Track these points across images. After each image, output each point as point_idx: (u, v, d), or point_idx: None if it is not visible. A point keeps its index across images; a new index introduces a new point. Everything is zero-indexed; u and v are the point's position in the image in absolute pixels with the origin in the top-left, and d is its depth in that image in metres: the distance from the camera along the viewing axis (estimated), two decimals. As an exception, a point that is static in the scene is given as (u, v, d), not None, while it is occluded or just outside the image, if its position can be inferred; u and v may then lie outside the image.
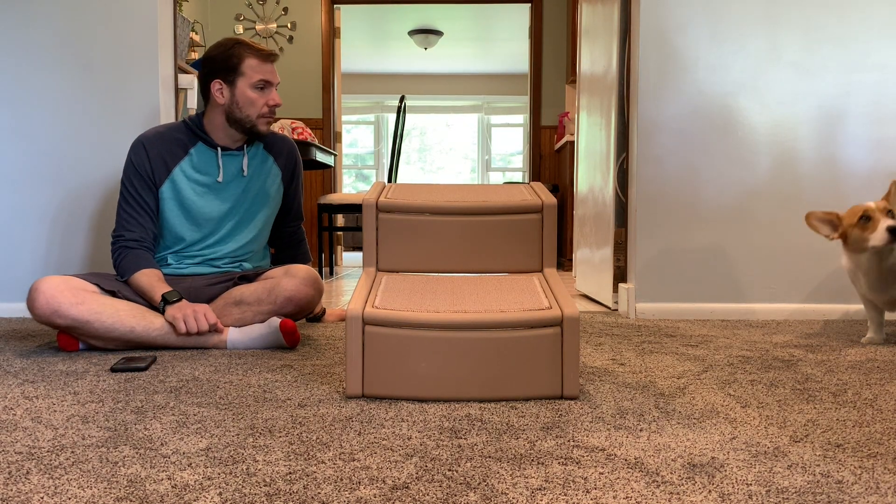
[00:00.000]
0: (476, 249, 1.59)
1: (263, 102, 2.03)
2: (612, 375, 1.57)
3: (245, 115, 2.03)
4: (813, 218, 1.98)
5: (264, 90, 2.03)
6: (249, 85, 2.01)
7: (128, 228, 2.01)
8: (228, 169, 2.09)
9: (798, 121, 2.53)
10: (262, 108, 2.03)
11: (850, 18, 2.52)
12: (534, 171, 5.67)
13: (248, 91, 2.01)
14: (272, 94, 2.04)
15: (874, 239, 1.86)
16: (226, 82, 2.02)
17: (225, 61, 2.02)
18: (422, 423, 1.19)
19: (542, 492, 0.89)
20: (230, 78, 2.02)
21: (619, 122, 2.80)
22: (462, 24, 7.34)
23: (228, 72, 2.01)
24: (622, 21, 2.76)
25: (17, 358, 1.78)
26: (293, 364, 1.69)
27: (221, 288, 2.03)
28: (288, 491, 0.89)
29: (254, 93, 2.02)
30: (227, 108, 2.03)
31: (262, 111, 2.03)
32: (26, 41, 2.51)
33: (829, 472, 0.96)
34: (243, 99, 2.01)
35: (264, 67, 2.03)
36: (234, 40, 2.05)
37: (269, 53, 2.05)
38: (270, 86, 2.05)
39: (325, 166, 4.11)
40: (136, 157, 2.03)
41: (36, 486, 0.91)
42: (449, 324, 1.34)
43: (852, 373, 1.61)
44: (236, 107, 2.02)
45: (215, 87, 2.03)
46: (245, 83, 2.01)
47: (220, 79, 2.02)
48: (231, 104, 2.02)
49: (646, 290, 2.56)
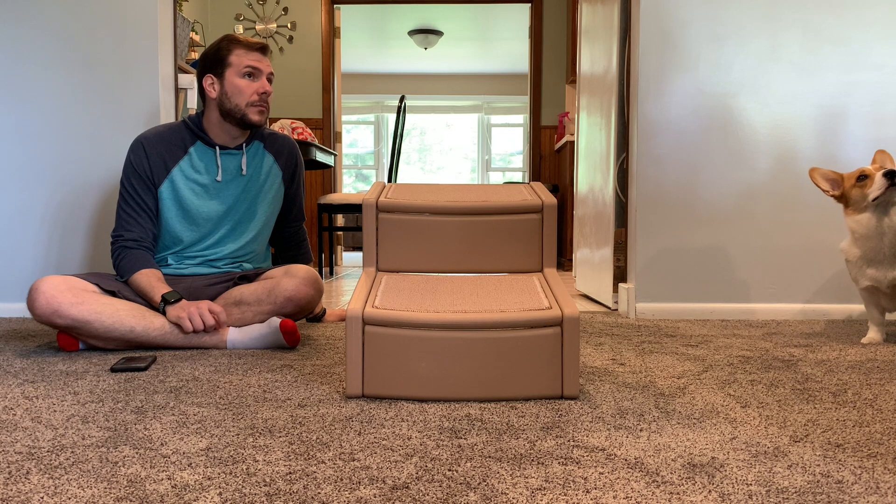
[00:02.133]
0: (476, 249, 1.59)
1: (252, 90, 2.02)
2: (612, 375, 1.57)
3: (234, 105, 2.02)
4: (817, 173, 2.02)
5: (253, 77, 2.03)
6: (237, 73, 2.02)
7: (127, 229, 2.01)
8: (227, 168, 2.08)
9: (798, 121, 2.53)
10: (250, 95, 2.02)
11: (849, 18, 2.52)
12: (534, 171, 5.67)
13: (235, 79, 2.02)
14: (261, 82, 2.04)
15: (873, 191, 1.90)
16: (216, 75, 2.04)
17: (214, 55, 2.04)
18: (422, 423, 1.19)
19: (542, 492, 0.89)
20: (219, 70, 2.03)
21: (619, 122, 2.80)
22: (462, 24, 7.34)
23: (217, 64, 2.03)
24: (622, 21, 2.76)
25: (17, 358, 1.78)
26: (293, 364, 1.69)
27: (221, 288, 2.03)
28: (288, 491, 0.89)
29: (242, 81, 2.02)
30: (219, 100, 2.04)
31: (252, 99, 2.02)
32: (26, 41, 2.51)
33: (829, 472, 0.96)
34: (231, 88, 2.02)
35: (251, 56, 2.03)
36: (224, 36, 2.08)
37: (257, 43, 2.05)
38: (259, 74, 2.04)
39: (325, 166, 4.11)
40: (136, 158, 2.03)
41: (36, 486, 0.91)
42: (449, 324, 1.34)
43: (852, 373, 1.61)
44: (226, 97, 2.03)
45: (207, 83, 2.05)
46: (233, 73, 2.02)
47: (210, 73, 2.04)
48: (221, 95, 2.03)
49: (646, 290, 2.56)
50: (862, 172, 1.95)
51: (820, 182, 2.02)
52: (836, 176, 2.01)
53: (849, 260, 2.03)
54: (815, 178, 2.03)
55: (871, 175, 1.92)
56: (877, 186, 1.89)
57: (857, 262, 2.00)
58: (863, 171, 1.95)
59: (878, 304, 2.04)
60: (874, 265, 1.96)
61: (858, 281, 2.03)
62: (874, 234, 1.93)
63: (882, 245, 1.93)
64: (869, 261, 1.97)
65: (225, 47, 2.04)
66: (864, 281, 2.01)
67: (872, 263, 1.96)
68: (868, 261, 1.97)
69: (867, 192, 1.92)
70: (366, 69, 9.08)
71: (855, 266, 2.02)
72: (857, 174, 1.96)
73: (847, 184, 1.98)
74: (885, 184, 1.88)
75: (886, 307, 2.04)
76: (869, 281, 1.99)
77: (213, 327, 1.87)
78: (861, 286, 2.03)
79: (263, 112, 2.06)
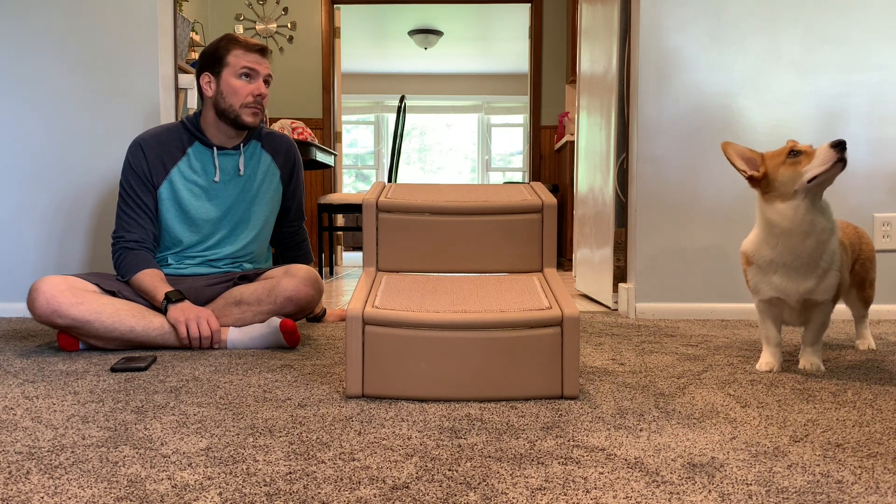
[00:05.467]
0: (476, 249, 1.59)
1: (248, 92, 2.01)
2: (612, 375, 1.57)
3: (229, 105, 2.01)
4: (731, 148, 1.59)
5: (249, 79, 2.02)
6: (233, 73, 2.01)
7: (127, 230, 2.01)
8: (225, 168, 2.08)
9: (798, 121, 2.53)
10: (245, 97, 2.01)
11: (849, 18, 2.52)
12: (534, 171, 5.67)
13: (231, 80, 2.01)
14: (257, 84, 2.03)
15: (812, 167, 1.46)
16: (213, 74, 2.03)
17: (213, 54, 2.04)
18: (422, 423, 1.19)
19: (542, 492, 0.89)
20: (216, 69, 2.03)
21: (619, 122, 2.80)
22: (462, 24, 7.35)
23: (215, 63, 2.03)
24: (622, 21, 2.76)
25: (17, 358, 1.78)
26: (293, 364, 1.69)
27: (221, 288, 2.03)
28: (288, 491, 0.89)
29: (238, 81, 2.01)
30: (214, 99, 2.03)
31: (247, 100, 2.01)
32: (27, 40, 2.51)
33: (829, 472, 0.96)
34: (227, 88, 2.01)
35: (249, 56, 2.02)
36: (224, 35, 2.07)
37: (256, 45, 2.05)
38: (256, 75, 2.03)
39: (325, 166, 4.11)
40: (134, 159, 2.03)
41: (36, 486, 0.91)
42: (449, 324, 1.34)
43: (852, 373, 1.61)
44: (221, 97, 2.02)
45: (204, 81, 2.04)
46: (229, 72, 2.01)
47: (208, 71, 2.04)
48: (217, 95, 2.03)
49: (646, 290, 2.56)
50: (794, 147, 1.50)
51: (735, 160, 1.58)
52: (755, 155, 1.57)
53: (753, 263, 1.60)
54: (730, 155, 1.58)
55: (808, 151, 1.49)
56: (819, 161, 1.45)
57: (764, 267, 1.58)
58: (794, 145, 1.51)
59: (779, 320, 1.64)
60: (786, 272, 1.55)
61: (760, 290, 1.60)
62: (799, 230, 1.50)
63: (803, 247, 1.51)
64: (780, 266, 1.55)
65: (224, 46, 2.03)
66: (767, 291, 1.59)
67: (784, 270, 1.55)
68: (780, 266, 1.55)
69: (802, 170, 1.47)
70: (366, 69, 9.09)
71: (759, 272, 1.59)
72: (786, 149, 1.52)
73: (772, 162, 1.53)
74: (832, 157, 1.43)
75: (790, 322, 1.65)
76: (774, 292, 1.57)
77: (207, 339, 1.86)
78: (762, 297, 1.61)
79: (257, 114, 2.05)
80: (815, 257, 1.52)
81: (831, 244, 1.54)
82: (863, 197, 2.52)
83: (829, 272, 1.54)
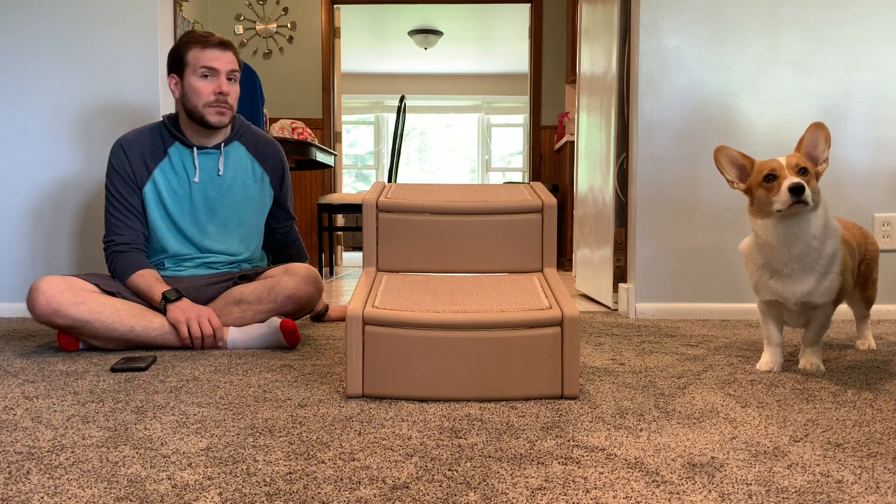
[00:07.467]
0: (476, 249, 1.59)
1: (209, 91, 1.98)
2: (612, 375, 1.57)
3: (193, 106, 1.99)
4: (723, 155, 1.58)
5: (209, 78, 1.99)
6: (194, 73, 1.99)
7: (117, 233, 2.00)
8: (205, 168, 2.06)
9: (798, 121, 2.53)
10: (207, 96, 1.98)
11: (849, 18, 2.52)
12: (534, 171, 5.67)
13: (192, 80, 1.99)
14: (218, 83, 1.98)
15: (777, 202, 1.49)
16: (178, 75, 2.02)
17: (174, 54, 2.02)
18: (422, 423, 1.19)
19: (542, 492, 0.89)
20: (179, 70, 2.01)
21: (619, 122, 2.80)
22: (462, 24, 7.34)
23: (177, 64, 2.01)
24: (622, 21, 2.76)
25: (17, 358, 1.78)
26: (293, 364, 1.69)
27: (221, 287, 2.03)
28: (288, 491, 0.89)
29: (198, 81, 1.98)
30: (182, 101, 2.02)
31: (209, 100, 1.98)
32: (26, 40, 2.51)
33: (829, 471, 0.96)
34: (189, 89, 1.99)
35: (207, 53, 1.98)
36: (185, 33, 2.04)
37: (214, 40, 1.99)
38: (216, 73, 1.99)
39: (325, 166, 4.11)
40: (116, 161, 2.02)
41: (36, 486, 0.91)
42: (449, 324, 1.34)
43: (852, 373, 1.61)
44: (186, 99, 2.01)
45: (171, 83, 2.03)
46: (190, 72, 1.99)
47: (174, 73, 2.03)
48: (182, 96, 2.02)
49: (646, 290, 2.56)
50: (771, 170, 1.51)
51: (726, 169, 1.58)
52: (746, 162, 1.57)
53: (750, 263, 1.65)
54: (721, 163, 1.59)
55: (781, 177, 1.49)
56: (781, 200, 1.48)
57: (759, 270, 1.61)
58: (773, 168, 1.51)
59: (779, 321, 1.67)
60: (780, 278, 1.57)
61: (759, 292, 1.64)
62: (780, 243, 1.53)
63: (789, 256, 1.54)
64: (773, 272, 1.58)
65: (183, 45, 2.00)
66: (766, 294, 1.62)
67: (778, 276, 1.57)
68: (773, 272, 1.58)
69: (772, 198, 1.50)
70: (366, 69, 9.08)
71: (756, 273, 1.63)
72: (766, 170, 1.52)
73: (754, 179, 1.55)
74: (789, 200, 1.47)
75: (790, 324, 1.66)
76: (772, 296, 1.60)
77: (209, 338, 1.86)
78: (762, 298, 1.65)
79: (223, 113, 2.01)
80: (807, 261, 1.53)
81: (827, 247, 1.53)
82: (863, 197, 2.52)
83: (827, 275, 1.54)
